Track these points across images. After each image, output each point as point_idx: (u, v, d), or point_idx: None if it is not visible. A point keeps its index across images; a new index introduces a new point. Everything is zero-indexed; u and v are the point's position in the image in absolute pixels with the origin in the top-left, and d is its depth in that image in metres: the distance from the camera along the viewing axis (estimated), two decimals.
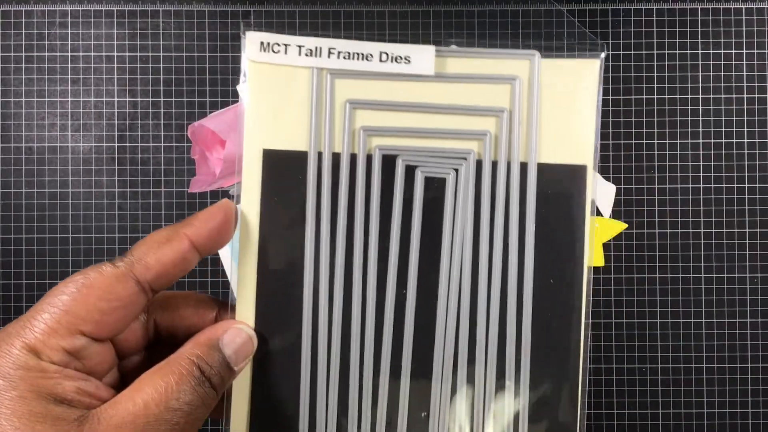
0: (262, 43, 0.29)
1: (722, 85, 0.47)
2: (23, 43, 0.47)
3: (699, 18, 0.47)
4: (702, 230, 0.47)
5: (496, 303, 0.29)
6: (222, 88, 0.47)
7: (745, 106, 0.47)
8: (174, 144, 0.47)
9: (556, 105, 0.30)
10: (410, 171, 0.29)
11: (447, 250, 0.29)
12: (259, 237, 0.29)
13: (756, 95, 0.47)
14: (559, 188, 0.30)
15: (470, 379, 0.29)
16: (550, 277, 0.29)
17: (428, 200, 0.29)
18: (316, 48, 0.29)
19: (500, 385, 0.29)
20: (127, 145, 0.47)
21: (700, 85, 0.47)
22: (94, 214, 0.47)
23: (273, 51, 0.29)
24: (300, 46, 0.29)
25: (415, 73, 0.29)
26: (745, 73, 0.47)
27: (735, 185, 0.47)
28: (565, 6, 0.47)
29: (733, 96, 0.47)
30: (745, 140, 0.47)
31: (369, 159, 0.29)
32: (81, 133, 0.47)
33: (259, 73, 0.29)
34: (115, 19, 0.47)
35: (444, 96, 0.29)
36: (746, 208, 0.47)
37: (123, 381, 0.26)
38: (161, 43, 0.47)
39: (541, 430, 0.29)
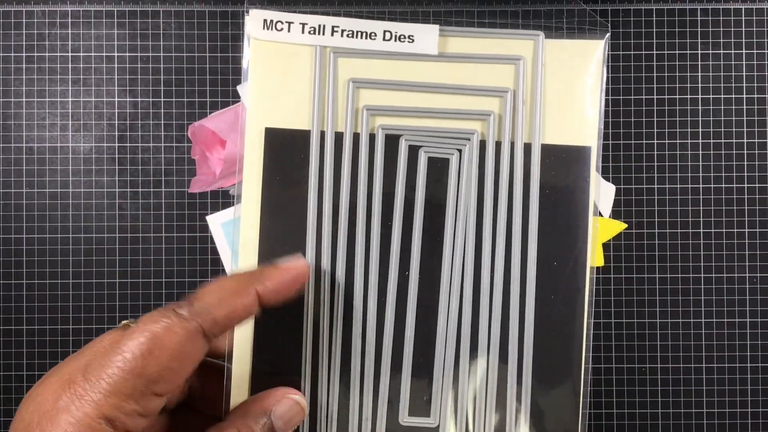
0: (265, 20, 0.29)
1: (722, 85, 0.47)
2: (24, 43, 0.47)
3: (699, 18, 0.47)
4: (702, 230, 0.47)
5: (499, 285, 0.29)
6: (222, 88, 0.47)
7: (745, 107, 0.47)
8: (174, 144, 0.47)
9: (560, 86, 0.30)
10: (413, 151, 0.29)
11: (450, 232, 0.29)
12: (261, 217, 0.29)
13: (756, 95, 0.47)
14: (563, 169, 0.29)
15: (473, 362, 0.29)
16: (554, 260, 0.29)
17: (431, 180, 0.29)
18: (320, 26, 0.29)
19: (503, 368, 0.29)
20: (128, 145, 0.47)
21: (700, 85, 0.47)
22: (94, 214, 0.47)
23: (276, 29, 0.29)
24: (303, 24, 0.29)
25: (418, 52, 0.29)
26: (744, 74, 0.47)
27: (735, 185, 0.47)
28: (565, 6, 0.47)
29: (733, 96, 0.47)
30: (745, 140, 0.47)
31: (372, 138, 0.29)
32: (81, 134, 0.47)
33: (262, 50, 0.29)
34: (115, 20, 0.47)
35: (447, 76, 0.29)
36: (746, 208, 0.47)
37: None
38: (161, 43, 0.47)
39: (543, 410, 0.29)
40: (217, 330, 0.24)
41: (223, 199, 0.47)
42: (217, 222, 0.45)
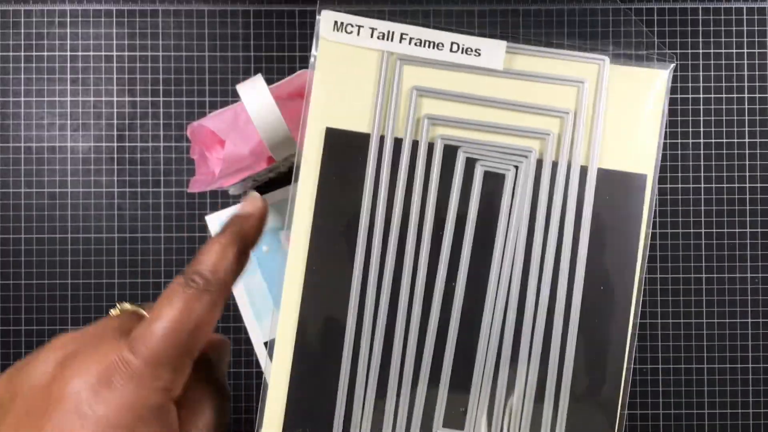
0: (336, 22, 0.30)
1: (723, 84, 0.47)
2: (22, 42, 0.47)
3: (700, 17, 0.47)
4: (703, 230, 0.47)
5: (544, 305, 0.29)
6: (222, 87, 0.47)
7: (746, 106, 0.47)
8: (173, 144, 0.47)
9: (621, 112, 0.30)
10: (470, 164, 0.30)
11: (500, 247, 0.29)
12: (314, 214, 0.29)
13: (757, 95, 0.47)
14: (618, 195, 0.29)
15: (511, 378, 0.29)
16: (601, 284, 0.29)
17: (485, 195, 0.30)
18: (389, 32, 0.30)
19: (541, 386, 0.29)
20: (127, 144, 0.47)
21: (701, 84, 0.47)
22: (93, 214, 0.46)
23: (346, 31, 0.30)
24: (373, 29, 0.30)
25: (484, 66, 0.29)
26: (746, 73, 0.47)
27: (736, 185, 0.47)
28: (566, 5, 0.47)
29: (734, 96, 0.47)
30: (746, 140, 0.47)
31: (430, 147, 0.30)
32: (80, 133, 0.47)
33: (330, 51, 0.30)
34: (114, 19, 0.47)
35: (510, 92, 0.30)
36: (747, 208, 0.47)
37: None
38: (161, 42, 0.47)
39: (578, 429, 0.29)
40: (228, 293, 0.26)
41: (222, 198, 0.47)
42: (216, 221, 0.45)
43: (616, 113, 0.30)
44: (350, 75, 0.30)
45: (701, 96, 0.47)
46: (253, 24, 0.47)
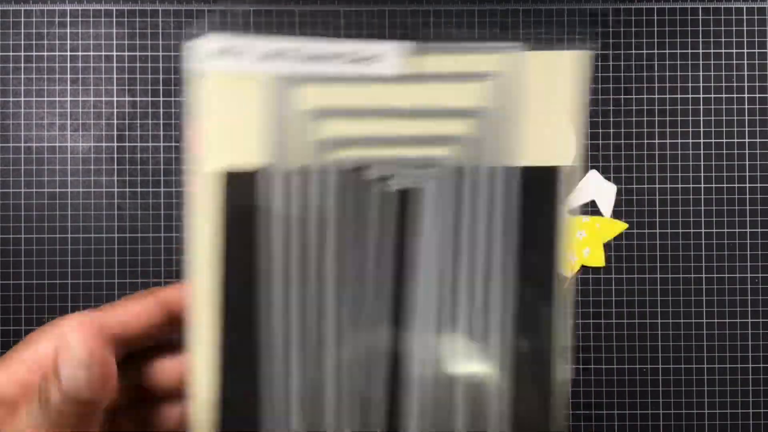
0: (215, 47, 0.26)
1: (723, 84, 0.47)
2: (22, 42, 0.47)
3: (699, 18, 0.47)
4: (702, 230, 0.47)
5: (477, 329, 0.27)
6: None
7: (746, 106, 0.47)
8: (173, 144, 0.47)
9: (537, 102, 0.27)
10: (383, 183, 0.27)
11: (425, 265, 0.27)
12: (218, 276, 0.26)
13: (757, 95, 0.47)
14: (538, 191, 0.27)
15: (446, 403, 0.27)
16: (529, 290, 0.27)
17: (402, 214, 0.27)
18: (276, 51, 0.26)
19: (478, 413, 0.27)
20: (127, 144, 0.47)
21: (701, 84, 0.47)
22: (93, 214, 0.46)
23: (228, 56, 0.26)
24: (258, 50, 0.26)
25: (383, 73, 0.27)
26: (745, 73, 0.47)
27: (735, 185, 0.47)
28: (565, 5, 0.47)
29: (734, 96, 0.47)
30: (746, 140, 0.47)
31: (335, 173, 0.27)
32: (80, 133, 0.47)
33: (213, 82, 0.26)
34: (114, 19, 0.47)
35: (418, 98, 0.27)
36: (747, 208, 0.47)
37: None
38: (161, 42, 0.47)
39: None
40: (120, 338, 0.24)
41: None
42: None
43: (532, 104, 0.27)
44: (238, 106, 0.26)
45: (701, 96, 0.47)
46: (253, 24, 0.47)
